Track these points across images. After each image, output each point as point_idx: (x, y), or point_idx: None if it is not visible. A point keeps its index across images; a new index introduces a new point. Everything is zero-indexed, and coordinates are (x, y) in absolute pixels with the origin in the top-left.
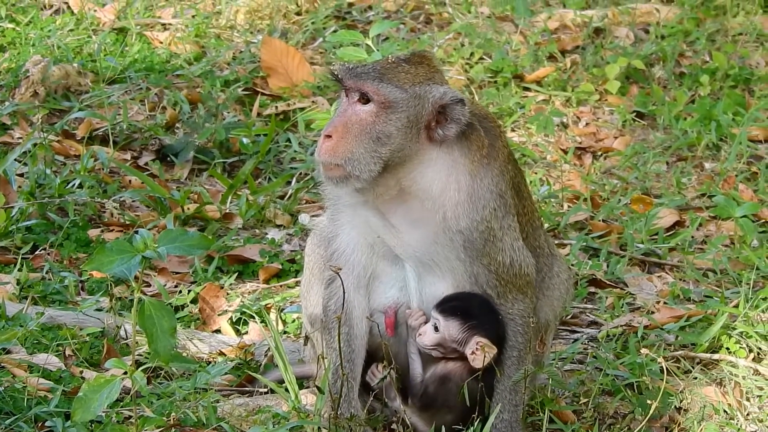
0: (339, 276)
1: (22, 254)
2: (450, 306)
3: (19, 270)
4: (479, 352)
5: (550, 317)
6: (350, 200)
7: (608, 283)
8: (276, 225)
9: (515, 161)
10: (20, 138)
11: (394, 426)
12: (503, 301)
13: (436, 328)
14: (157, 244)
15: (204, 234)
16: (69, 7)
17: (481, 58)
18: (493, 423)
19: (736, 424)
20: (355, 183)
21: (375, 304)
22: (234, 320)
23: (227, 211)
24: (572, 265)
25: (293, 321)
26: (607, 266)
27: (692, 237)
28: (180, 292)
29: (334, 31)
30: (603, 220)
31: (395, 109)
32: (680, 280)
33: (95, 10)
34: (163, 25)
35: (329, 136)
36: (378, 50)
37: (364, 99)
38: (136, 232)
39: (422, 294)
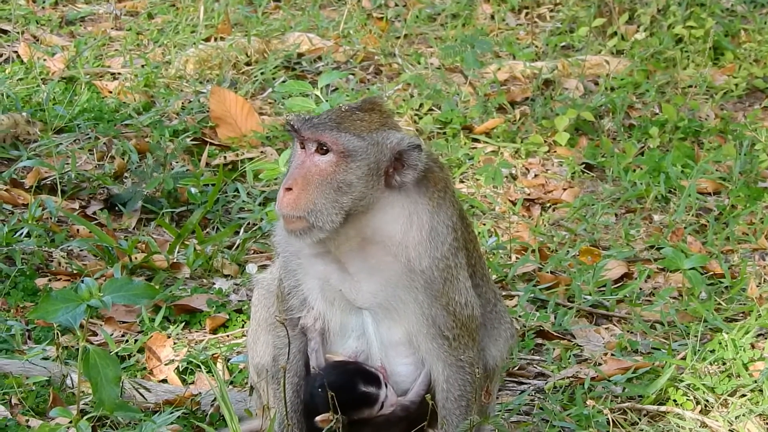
0: (285, 327)
1: None
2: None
3: None
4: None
5: (497, 360)
6: (310, 252)
7: (555, 334)
8: (223, 275)
9: (454, 191)
10: None
11: None
12: (457, 345)
13: None
14: (102, 293)
15: (149, 283)
16: (18, 56)
17: (430, 109)
18: None
19: None
20: (318, 234)
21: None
22: (180, 370)
23: (175, 260)
24: (519, 316)
25: (240, 371)
26: (555, 318)
27: (640, 289)
28: (127, 341)
29: (284, 82)
30: (551, 272)
31: (354, 157)
32: (628, 332)
33: (45, 60)
34: (113, 74)
35: (289, 189)
36: (327, 101)
37: (323, 149)
38: (82, 281)
39: (380, 340)
